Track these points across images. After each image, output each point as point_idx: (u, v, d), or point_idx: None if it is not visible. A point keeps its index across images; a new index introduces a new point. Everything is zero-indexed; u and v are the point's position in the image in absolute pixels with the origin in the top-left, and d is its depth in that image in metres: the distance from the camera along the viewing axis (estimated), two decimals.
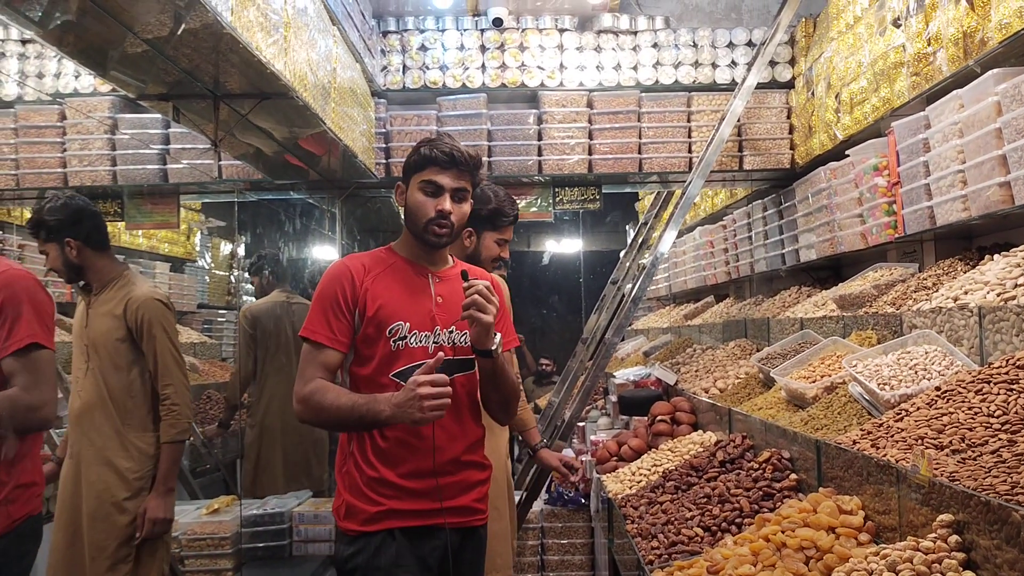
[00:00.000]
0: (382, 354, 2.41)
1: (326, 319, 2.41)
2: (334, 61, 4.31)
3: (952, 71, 3.50)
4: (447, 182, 2.43)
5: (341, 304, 2.41)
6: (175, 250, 8.39)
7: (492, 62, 5.59)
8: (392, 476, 2.39)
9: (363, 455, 2.42)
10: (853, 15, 4.55)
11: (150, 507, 3.55)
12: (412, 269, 2.52)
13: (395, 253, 2.56)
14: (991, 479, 1.88)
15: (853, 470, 2.55)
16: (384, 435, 2.40)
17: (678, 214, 5.02)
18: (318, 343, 2.40)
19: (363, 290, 2.42)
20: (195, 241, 8.96)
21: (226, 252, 9.48)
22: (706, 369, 5.30)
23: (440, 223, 2.44)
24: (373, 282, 2.45)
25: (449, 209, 2.43)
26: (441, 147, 2.43)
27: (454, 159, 2.43)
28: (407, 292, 2.47)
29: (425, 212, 2.43)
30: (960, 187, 3.42)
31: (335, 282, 2.43)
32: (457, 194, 2.46)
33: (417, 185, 2.46)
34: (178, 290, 8.32)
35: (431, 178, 2.43)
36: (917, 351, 3.00)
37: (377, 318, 2.40)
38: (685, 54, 5.63)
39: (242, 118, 3.66)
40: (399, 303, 2.44)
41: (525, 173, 5.57)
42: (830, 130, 4.88)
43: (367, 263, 2.49)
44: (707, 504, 3.11)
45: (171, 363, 3.61)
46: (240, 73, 3.33)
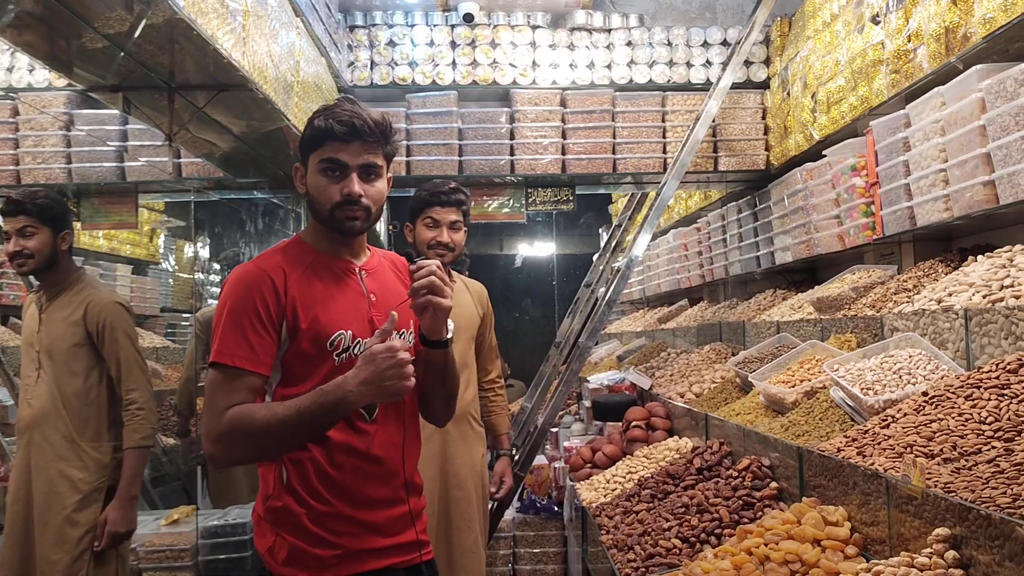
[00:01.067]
0: (324, 372, 1.97)
1: (244, 338, 1.92)
2: (297, 54, 4.16)
3: (933, 68, 3.42)
4: (350, 158, 2.00)
5: (262, 317, 1.94)
6: (137, 252, 8.16)
7: (463, 59, 5.45)
8: (347, 509, 1.98)
9: (307, 486, 1.97)
10: (830, 13, 4.47)
11: (111, 518, 3.38)
12: (337, 265, 2.09)
13: (310, 247, 2.10)
14: (990, 490, 1.77)
15: (839, 479, 2.44)
16: (334, 461, 1.98)
17: (652, 216, 4.91)
18: (236, 368, 1.91)
19: (289, 298, 1.98)
20: (158, 243, 8.73)
21: (190, 254, 9.26)
22: (681, 373, 5.20)
23: (350, 208, 2.01)
24: (298, 288, 2.00)
25: (358, 191, 2.00)
26: (338, 116, 1.99)
27: (355, 129, 1.99)
28: (339, 294, 2.05)
29: (329, 197, 2.01)
30: (942, 187, 3.34)
31: (251, 291, 1.96)
32: (366, 171, 2.03)
33: (316, 165, 2.02)
34: (140, 293, 8.09)
35: (331, 155, 2.00)
36: (900, 355, 2.91)
37: (314, 330, 1.98)
38: (659, 53, 5.53)
39: (198, 111, 3.49)
40: (335, 309, 2.02)
41: (497, 173, 5.44)
42: (806, 130, 4.80)
43: (285, 264, 2.03)
44: (685, 514, 2.99)
45: (135, 368, 3.48)
46: (196, 63, 3.16)
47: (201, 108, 3.48)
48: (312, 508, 1.96)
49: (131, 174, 5.38)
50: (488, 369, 3.70)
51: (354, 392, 1.84)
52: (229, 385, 1.91)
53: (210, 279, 9.15)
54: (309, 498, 1.96)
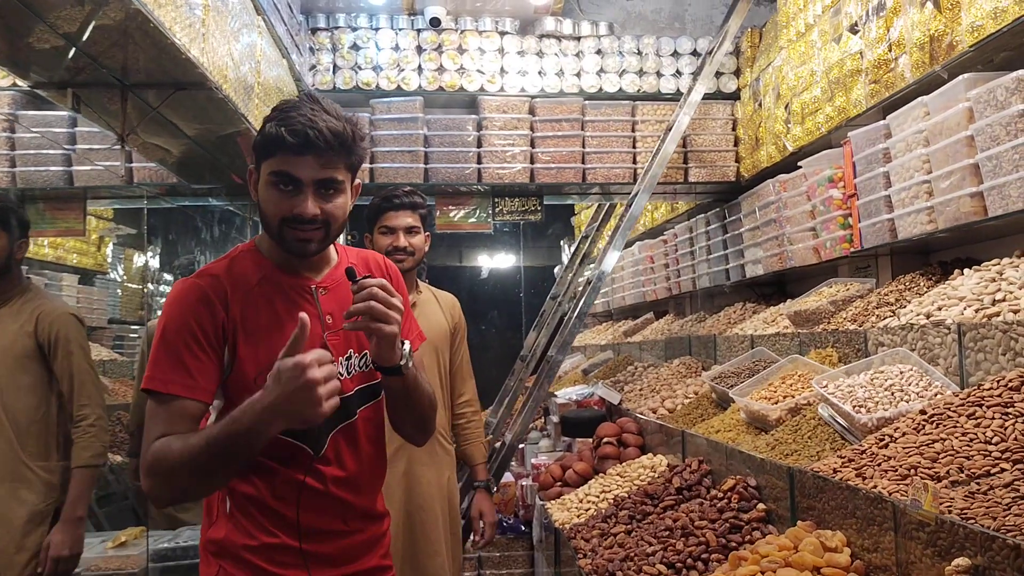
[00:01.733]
0: None
1: (180, 361, 1.71)
2: (259, 55, 3.97)
3: (916, 77, 3.36)
4: (305, 173, 1.75)
5: (200, 339, 1.74)
6: (84, 261, 7.84)
7: (429, 64, 5.30)
8: (294, 541, 1.80)
9: (249, 517, 1.80)
10: (805, 23, 4.41)
11: (55, 541, 3.18)
12: (290, 282, 1.86)
13: (263, 258, 1.87)
14: (1013, 518, 1.66)
15: (835, 502, 2.32)
16: (276, 492, 1.80)
17: (622, 231, 4.79)
18: (171, 396, 1.70)
19: (231, 320, 1.77)
20: (106, 252, 8.42)
21: (140, 264, 8.95)
22: (651, 388, 5.09)
23: (302, 229, 1.78)
24: (242, 308, 1.79)
25: (312, 211, 1.76)
26: (291, 123, 1.72)
27: (309, 141, 1.72)
28: (289, 318, 1.79)
29: (278, 212, 1.77)
30: (925, 198, 3.27)
31: (191, 310, 1.75)
32: (324, 186, 1.78)
33: (267, 176, 1.78)
34: (87, 304, 7.78)
35: (282, 168, 1.75)
36: (891, 371, 2.81)
37: (255, 359, 1.77)
38: (629, 62, 5.44)
39: (153, 111, 3.29)
40: (281, 334, 1.75)
41: (463, 182, 5.29)
42: (779, 141, 4.73)
43: (229, 280, 1.81)
44: (669, 537, 2.85)
45: (88, 382, 3.32)
46: (152, 59, 2.96)
47: (156, 108, 3.28)
48: (256, 538, 1.79)
49: (79, 178, 5.13)
50: (461, 391, 3.46)
51: (262, 419, 1.60)
52: (164, 414, 1.70)
53: (160, 290, 8.85)
54: (253, 529, 1.79)
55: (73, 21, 2.69)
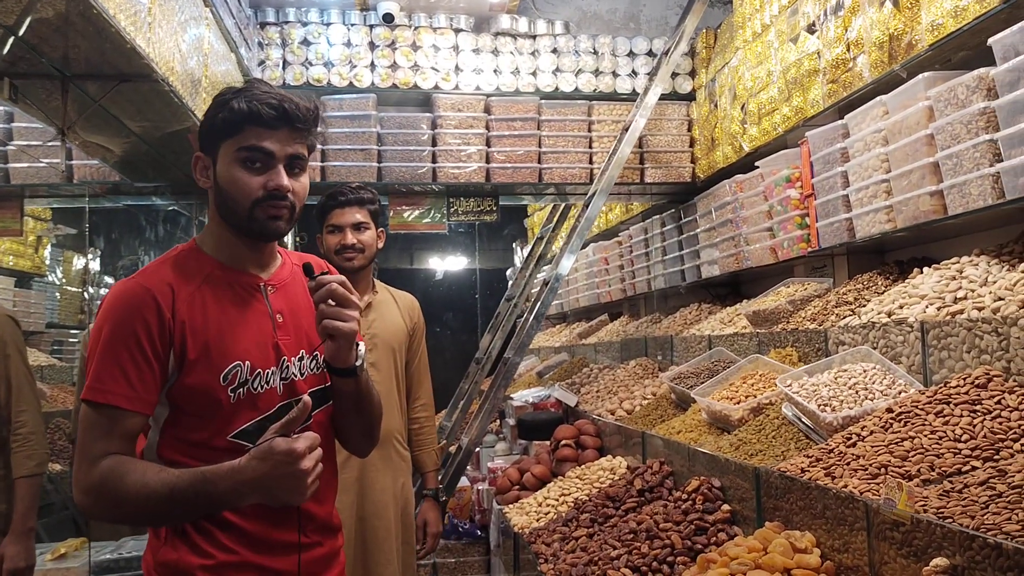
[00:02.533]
0: (217, 411, 1.69)
1: (122, 371, 1.62)
2: (206, 48, 3.83)
3: (875, 76, 3.36)
4: (278, 148, 1.70)
5: (145, 346, 1.64)
6: (21, 263, 7.55)
7: (382, 60, 5.19)
8: (251, 556, 1.70)
9: (205, 533, 1.69)
10: (761, 23, 4.41)
11: (8, 553, 3.06)
12: (238, 280, 1.78)
13: (207, 257, 1.78)
14: (992, 516, 1.64)
15: (803, 503, 2.29)
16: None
17: (579, 233, 4.73)
18: (113, 407, 1.61)
19: (177, 322, 1.67)
20: (44, 254, 8.13)
21: (79, 266, 8.66)
22: (608, 390, 5.05)
23: (274, 205, 1.70)
24: (188, 309, 1.69)
25: (287, 185, 1.71)
26: (264, 98, 1.69)
27: (286, 114, 1.69)
28: (239, 316, 1.73)
29: (248, 191, 1.69)
30: (884, 197, 3.27)
31: (131, 315, 1.64)
32: (294, 163, 1.74)
33: (233, 155, 1.70)
34: (24, 307, 7.50)
35: (255, 143, 1.68)
36: (855, 369, 2.80)
37: (205, 362, 1.68)
38: (586, 61, 5.40)
39: (95, 104, 3.14)
40: (231, 335, 1.71)
41: (418, 181, 5.19)
42: (735, 142, 4.73)
43: (174, 280, 1.71)
44: (634, 540, 2.80)
45: (25, 387, 3.19)
46: (95, 48, 2.82)
47: (98, 101, 3.13)
48: (212, 557, 1.68)
49: (16, 176, 4.92)
50: (416, 394, 3.36)
51: (239, 491, 1.59)
52: (104, 427, 1.62)
53: (101, 293, 8.57)
54: (208, 547, 1.68)
55: (9, 13, 2.55)
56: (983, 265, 2.83)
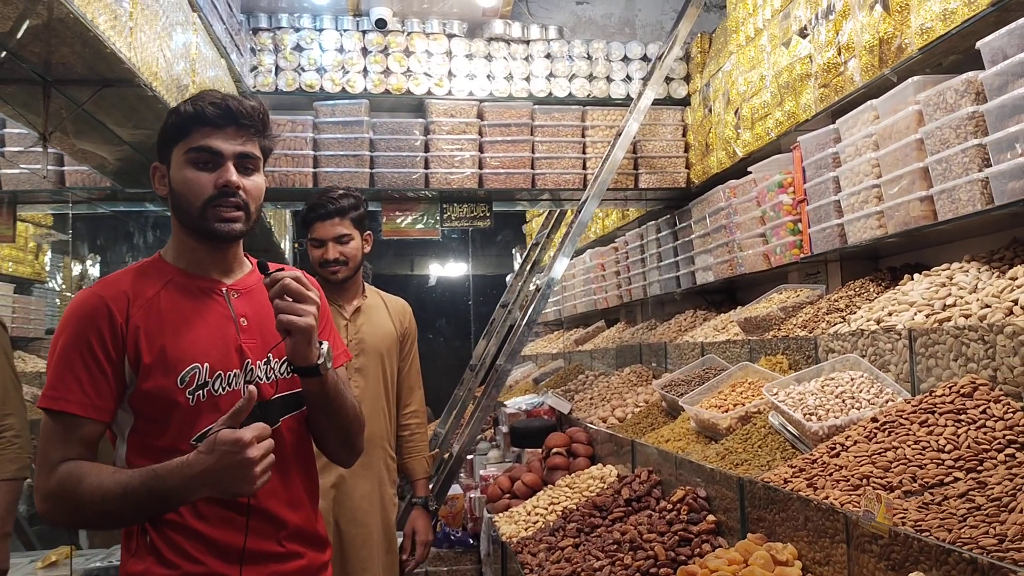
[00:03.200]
0: (177, 414, 1.68)
1: (75, 379, 1.64)
2: (194, 53, 3.81)
3: (865, 81, 3.32)
4: (226, 146, 1.72)
5: (98, 354, 1.66)
6: (21, 270, 7.54)
7: (375, 66, 5.17)
8: (218, 565, 1.68)
9: (171, 544, 1.67)
10: (754, 27, 4.38)
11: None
12: (198, 285, 1.78)
13: (169, 265, 1.80)
14: (969, 530, 1.59)
15: (786, 513, 2.25)
16: (199, 513, 1.68)
17: (572, 237, 4.71)
18: (67, 414, 1.63)
19: (131, 329, 1.68)
20: (44, 260, 8.12)
21: (77, 272, 8.65)
22: (602, 397, 5.00)
23: (225, 203, 1.72)
24: (144, 315, 1.70)
25: (236, 181, 1.72)
26: (208, 98, 1.74)
27: (231, 112, 1.73)
28: (197, 319, 1.74)
29: (199, 191, 1.71)
30: (875, 203, 3.23)
31: (84, 324, 1.67)
32: (244, 162, 1.75)
33: (183, 157, 1.73)
34: (24, 314, 7.48)
35: (202, 143, 1.71)
36: (842, 377, 2.75)
37: (160, 365, 1.68)
38: (579, 66, 5.38)
39: (78, 108, 3.12)
40: (189, 338, 1.71)
41: (411, 187, 5.16)
42: (729, 147, 4.69)
43: (130, 288, 1.72)
44: (617, 551, 2.75)
45: (11, 391, 3.19)
46: (75, 53, 2.80)
47: (81, 106, 3.10)
48: (178, 568, 1.67)
49: (7, 182, 4.91)
50: (407, 400, 3.30)
51: (189, 485, 1.58)
52: (61, 434, 1.64)
53: None
54: (175, 558, 1.67)
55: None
56: (973, 272, 2.78)
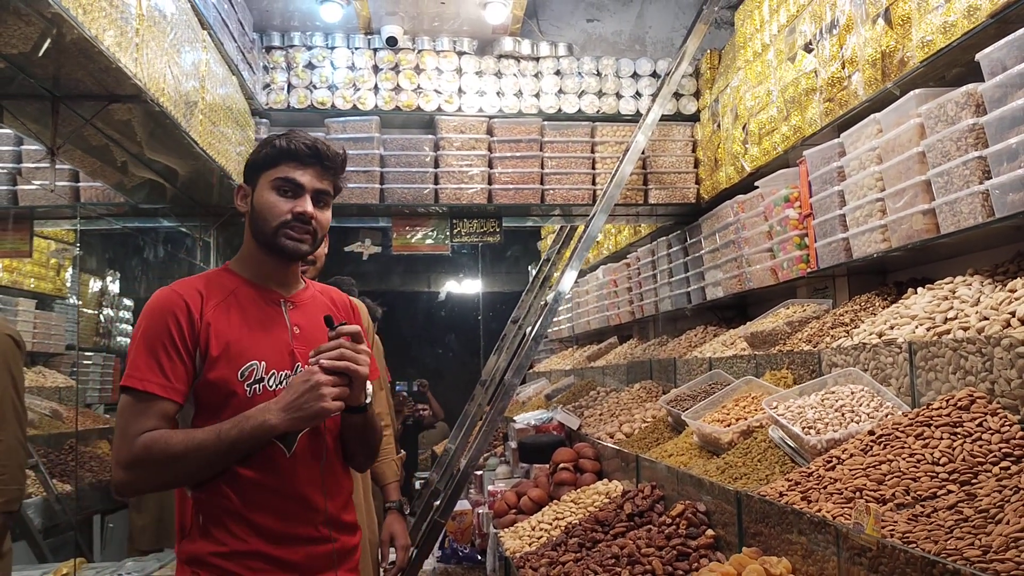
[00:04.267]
0: (235, 403, 1.91)
1: (156, 362, 1.87)
2: (203, 71, 3.87)
3: (869, 95, 3.32)
4: (308, 181, 1.98)
5: (176, 342, 1.89)
6: (43, 286, 7.63)
7: (386, 83, 5.22)
8: (261, 545, 1.88)
9: (220, 524, 1.89)
10: (761, 43, 4.38)
11: None
12: (260, 295, 2.03)
13: (236, 275, 2.06)
14: (955, 541, 1.57)
15: (781, 527, 2.23)
16: (246, 498, 1.89)
17: (579, 251, 4.71)
18: (147, 394, 1.85)
19: (204, 324, 1.92)
20: (65, 276, 8.22)
21: (96, 289, 8.73)
22: (611, 413, 4.98)
23: (297, 227, 1.97)
24: (215, 314, 1.95)
25: (311, 212, 1.98)
26: (300, 139, 2.00)
27: (318, 154, 1.99)
28: (258, 324, 1.99)
29: (277, 214, 1.97)
30: (879, 217, 3.21)
31: (165, 315, 1.91)
32: (319, 197, 2.01)
33: (269, 183, 1.99)
34: (45, 330, 7.57)
35: (288, 175, 1.98)
36: (842, 391, 2.73)
37: (225, 359, 1.92)
38: (589, 83, 5.40)
39: (86, 123, 3.17)
40: (250, 338, 1.96)
41: (421, 203, 5.19)
42: (737, 162, 4.69)
43: (204, 290, 1.98)
44: (615, 566, 2.74)
45: (9, 414, 3.09)
46: (81, 68, 2.86)
47: (89, 120, 3.16)
48: (225, 545, 1.89)
49: (25, 199, 4.99)
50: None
51: (274, 417, 1.83)
52: (141, 410, 1.85)
53: (120, 315, 8.62)
54: (223, 536, 1.89)
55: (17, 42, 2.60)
56: (976, 285, 2.76)
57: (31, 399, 6.80)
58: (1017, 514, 1.58)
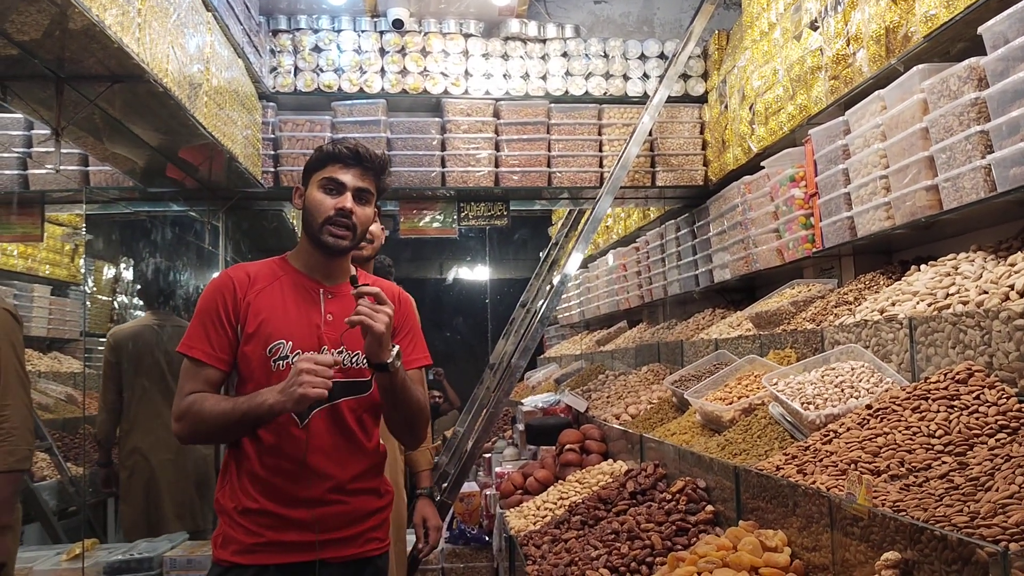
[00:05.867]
0: (261, 375, 2.21)
1: (205, 333, 2.22)
2: (207, 51, 3.87)
3: (873, 71, 3.29)
4: (349, 180, 2.27)
5: (222, 317, 2.23)
6: (57, 272, 7.70)
7: (392, 66, 5.22)
8: (270, 505, 2.18)
9: (240, 483, 2.21)
10: (768, 21, 4.35)
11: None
12: (303, 283, 2.32)
13: (288, 264, 2.36)
14: (944, 508, 1.57)
15: (777, 500, 2.23)
16: (263, 462, 2.19)
17: (585, 233, 4.71)
18: (196, 360, 2.21)
19: (245, 303, 2.24)
20: (79, 263, 8.28)
21: (109, 276, 8.79)
22: (618, 395, 4.99)
23: (339, 222, 2.25)
24: (257, 295, 2.26)
25: (351, 207, 2.25)
26: (346, 144, 2.31)
27: (359, 156, 2.28)
28: (294, 308, 2.27)
29: (323, 210, 2.26)
30: (883, 194, 3.19)
31: (216, 293, 2.26)
32: (360, 194, 2.29)
33: (317, 183, 2.29)
34: (60, 316, 7.64)
35: (333, 175, 2.27)
36: (843, 367, 2.72)
37: (257, 335, 2.22)
38: (596, 64, 5.38)
39: (91, 103, 3.19)
40: (283, 319, 2.24)
41: (428, 186, 5.20)
42: (744, 143, 4.66)
43: (253, 274, 2.30)
44: (615, 541, 2.75)
45: (14, 381, 3.14)
46: (83, 49, 2.87)
47: (93, 100, 3.17)
48: (240, 500, 2.19)
49: (35, 183, 5.02)
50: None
51: (271, 398, 2.08)
52: (193, 373, 2.21)
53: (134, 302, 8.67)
54: (242, 496, 2.19)
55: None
56: (979, 261, 2.74)
57: (47, 384, 6.87)
58: (1007, 481, 1.57)
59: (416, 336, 2.47)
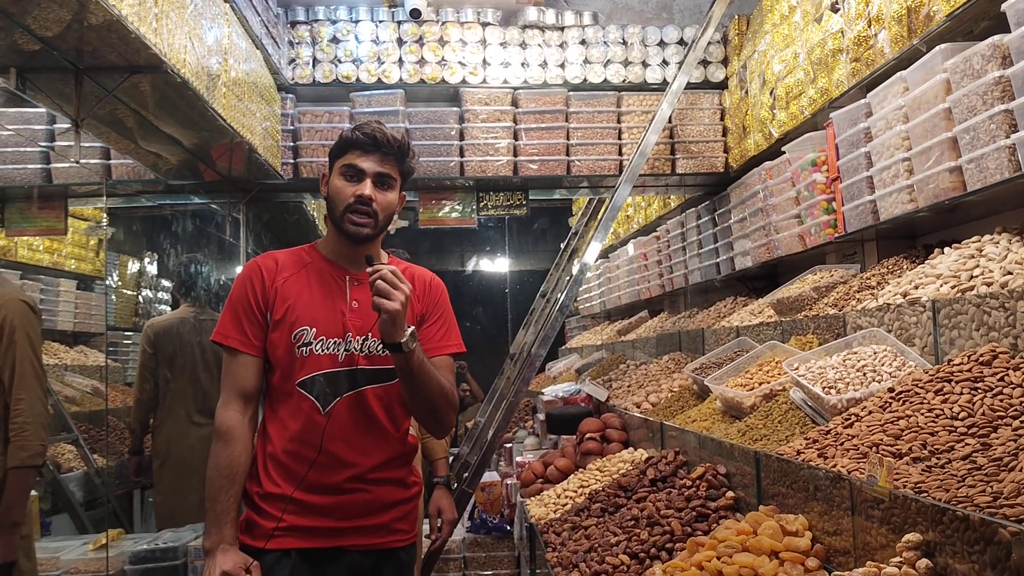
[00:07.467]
0: (286, 361, 2.24)
1: (238, 321, 2.26)
2: (225, 42, 3.88)
3: (895, 53, 3.24)
4: (369, 166, 2.24)
5: (252, 305, 2.26)
6: (83, 267, 7.77)
7: (410, 56, 5.21)
8: (291, 491, 2.20)
9: (264, 468, 2.23)
10: (788, 5, 4.30)
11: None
12: (329, 270, 2.33)
13: (316, 252, 2.38)
14: (966, 489, 1.54)
15: (798, 485, 2.20)
16: (286, 448, 2.22)
17: (605, 221, 4.67)
18: (231, 349, 2.25)
19: (272, 291, 2.27)
20: (104, 257, 8.34)
21: (134, 270, 8.86)
22: (638, 383, 4.96)
23: (359, 209, 2.23)
24: (284, 283, 2.28)
25: (370, 195, 2.23)
26: (364, 129, 2.27)
27: (376, 141, 2.24)
28: (319, 295, 2.29)
29: (343, 198, 2.25)
30: (906, 176, 3.14)
31: (245, 282, 2.29)
32: (381, 180, 2.26)
33: (338, 170, 2.28)
34: (86, 310, 7.71)
35: (352, 162, 2.25)
36: (864, 351, 2.69)
37: (284, 322, 2.24)
38: (615, 52, 5.34)
39: (109, 94, 3.21)
40: (308, 307, 2.26)
41: (447, 175, 5.19)
42: (765, 128, 4.62)
43: (281, 261, 2.33)
44: (635, 527, 2.73)
45: (29, 374, 3.10)
46: (100, 39, 2.88)
47: (112, 91, 3.19)
48: (263, 486, 2.21)
49: (59, 177, 5.07)
50: None
51: (208, 544, 2.15)
52: (231, 364, 2.25)
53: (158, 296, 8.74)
54: (264, 478, 2.22)
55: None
56: (1003, 243, 2.69)
57: (73, 377, 6.95)
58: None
59: (448, 322, 2.44)
